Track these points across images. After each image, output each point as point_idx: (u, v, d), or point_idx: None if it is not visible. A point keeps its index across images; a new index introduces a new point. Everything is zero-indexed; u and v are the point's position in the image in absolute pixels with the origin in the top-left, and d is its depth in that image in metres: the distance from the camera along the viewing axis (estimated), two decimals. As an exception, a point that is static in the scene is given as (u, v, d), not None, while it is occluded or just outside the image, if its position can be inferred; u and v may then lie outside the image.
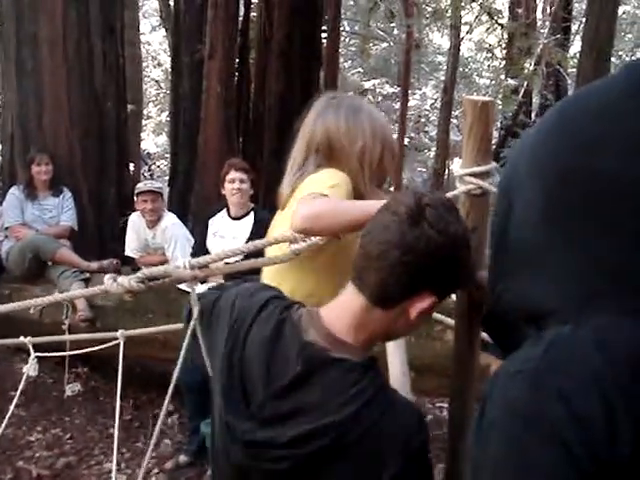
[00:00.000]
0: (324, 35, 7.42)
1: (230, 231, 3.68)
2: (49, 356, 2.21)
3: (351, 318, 1.07)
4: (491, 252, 1.07)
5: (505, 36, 13.40)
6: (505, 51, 14.05)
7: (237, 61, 6.49)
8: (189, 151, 6.42)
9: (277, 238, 1.52)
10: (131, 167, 6.70)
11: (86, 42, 5.13)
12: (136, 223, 4.25)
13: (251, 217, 3.70)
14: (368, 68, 16.06)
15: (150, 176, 10.92)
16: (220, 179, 3.72)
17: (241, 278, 1.60)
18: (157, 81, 17.17)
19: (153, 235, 4.21)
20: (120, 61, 5.60)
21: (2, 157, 5.40)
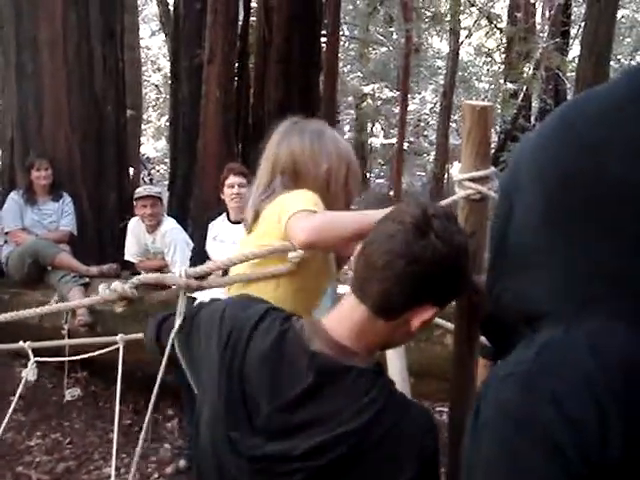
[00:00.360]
0: (323, 40, 7.44)
1: (230, 235, 3.67)
2: (48, 361, 2.20)
3: (352, 327, 1.07)
4: (491, 256, 1.07)
5: (504, 40, 13.45)
6: (504, 55, 14.09)
7: (236, 66, 6.49)
8: (188, 156, 6.42)
9: (277, 248, 1.53)
10: (131, 172, 6.70)
11: (86, 46, 5.14)
12: (136, 228, 4.24)
13: (251, 221, 3.69)
14: (367, 72, 16.10)
15: (149, 181, 10.94)
16: (219, 183, 3.72)
17: None
18: (156, 85, 17.23)
19: (153, 240, 4.20)
20: (120, 65, 5.60)
21: (2, 162, 5.39)
